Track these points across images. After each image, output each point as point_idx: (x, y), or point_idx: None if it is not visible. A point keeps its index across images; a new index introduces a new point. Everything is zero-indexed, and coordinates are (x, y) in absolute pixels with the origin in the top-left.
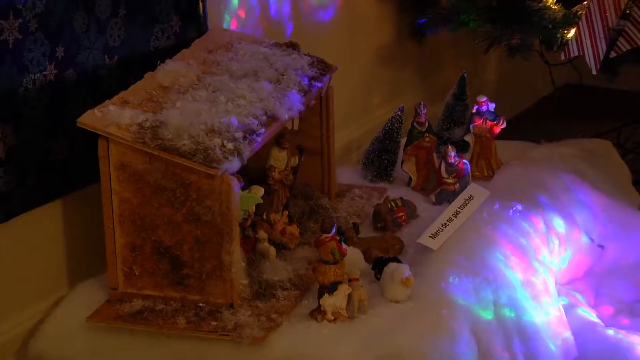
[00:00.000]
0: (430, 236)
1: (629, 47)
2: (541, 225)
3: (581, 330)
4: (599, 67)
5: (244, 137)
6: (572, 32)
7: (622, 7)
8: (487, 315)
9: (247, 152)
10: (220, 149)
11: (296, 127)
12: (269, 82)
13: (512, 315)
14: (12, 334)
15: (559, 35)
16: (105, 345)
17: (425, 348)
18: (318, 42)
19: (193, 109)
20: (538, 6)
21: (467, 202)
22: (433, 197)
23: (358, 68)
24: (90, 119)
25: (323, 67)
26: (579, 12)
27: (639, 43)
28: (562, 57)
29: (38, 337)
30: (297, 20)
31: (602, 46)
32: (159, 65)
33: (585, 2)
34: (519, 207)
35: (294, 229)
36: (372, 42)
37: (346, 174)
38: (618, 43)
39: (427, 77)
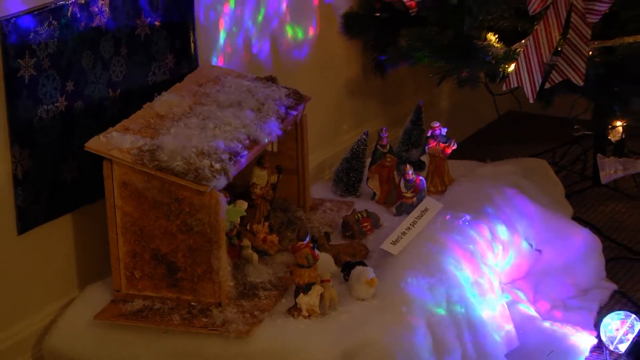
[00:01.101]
0: (391, 243)
1: (560, 79)
2: (487, 233)
3: (522, 323)
4: (535, 97)
5: (230, 159)
6: (512, 66)
7: (555, 44)
8: (441, 311)
9: (233, 171)
10: (209, 169)
11: (275, 149)
12: (251, 111)
13: (463, 310)
14: (29, 331)
15: (500, 69)
16: (110, 340)
17: (388, 340)
18: (294, 76)
19: (185, 134)
20: (483, 44)
21: (423, 213)
22: (394, 209)
23: (328, 98)
24: (96, 143)
25: (298, 98)
26: (518, 50)
27: (569, 76)
28: (504, 88)
29: (51, 334)
30: (275, 57)
31: (538, 78)
32: (156, 97)
33: (523, 41)
34: (468, 218)
35: (273, 238)
36: (340, 76)
37: (319, 190)
38: (551, 76)
39: (388, 106)
